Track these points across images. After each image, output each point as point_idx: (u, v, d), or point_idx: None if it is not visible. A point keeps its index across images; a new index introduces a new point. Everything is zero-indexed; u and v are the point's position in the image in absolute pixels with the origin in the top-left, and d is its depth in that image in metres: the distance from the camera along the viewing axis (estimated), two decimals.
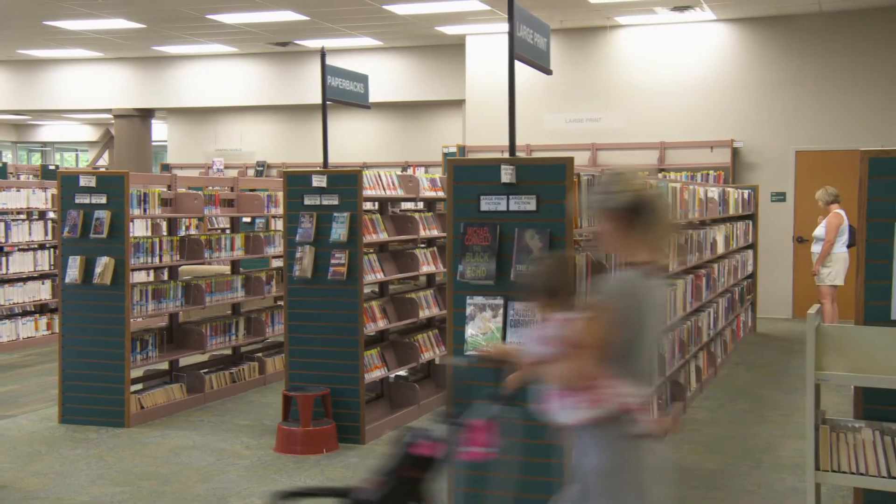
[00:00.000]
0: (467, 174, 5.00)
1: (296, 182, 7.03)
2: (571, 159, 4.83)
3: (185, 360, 8.59)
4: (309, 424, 6.61)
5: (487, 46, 15.27)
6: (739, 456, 6.57)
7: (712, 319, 8.97)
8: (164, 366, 8.35)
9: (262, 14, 14.39)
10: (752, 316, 12.39)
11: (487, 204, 4.90)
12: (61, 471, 6.18)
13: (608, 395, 2.96)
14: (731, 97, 14.04)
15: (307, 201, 6.94)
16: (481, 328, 4.78)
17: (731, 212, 10.50)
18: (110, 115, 21.03)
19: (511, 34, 5.23)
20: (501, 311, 4.76)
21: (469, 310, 4.82)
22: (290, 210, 7.02)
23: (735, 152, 13.91)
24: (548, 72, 5.97)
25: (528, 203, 4.82)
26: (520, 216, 4.81)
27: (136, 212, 7.68)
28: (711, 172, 13.80)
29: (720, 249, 9.49)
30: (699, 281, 8.16)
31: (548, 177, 4.82)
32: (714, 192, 9.40)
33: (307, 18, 14.61)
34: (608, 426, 3.02)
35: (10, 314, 11.04)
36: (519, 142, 12.97)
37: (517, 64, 5.29)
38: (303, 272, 6.88)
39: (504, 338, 4.72)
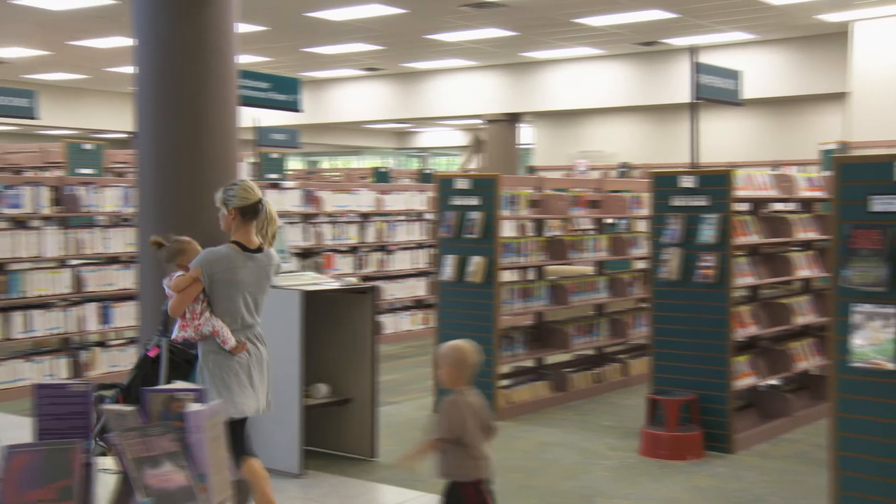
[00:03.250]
0: (856, 172, 4.60)
1: (663, 183, 6.91)
2: None
3: (550, 359, 8.77)
4: (674, 429, 6.47)
5: (879, 32, 14.03)
6: None
7: None
8: (530, 363, 8.59)
9: (629, 15, 14.36)
10: None
11: (879, 204, 4.46)
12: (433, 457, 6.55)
13: (197, 324, 4.56)
14: None
15: (674, 202, 6.79)
16: (870, 339, 4.37)
17: None
18: (481, 121, 22.14)
19: None
20: (895, 320, 4.32)
21: (856, 318, 4.43)
22: (656, 211, 6.91)
23: None
24: None
25: None
26: None
27: (506, 213, 7.95)
28: None
29: None
30: None
31: None
32: None
33: (676, 16, 14.36)
34: (209, 343, 4.60)
35: (392, 308, 11.95)
36: None
37: None
38: (669, 274, 6.75)
39: None
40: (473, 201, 7.67)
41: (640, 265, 9.73)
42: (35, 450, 2.10)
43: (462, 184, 7.77)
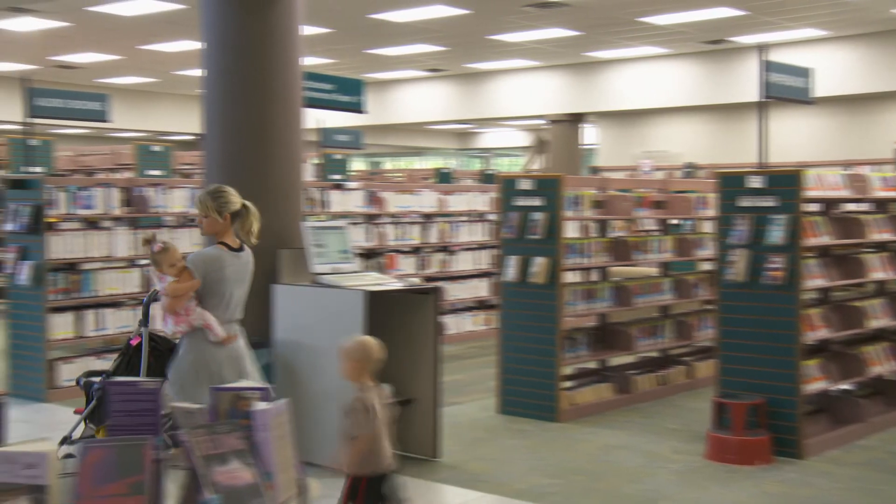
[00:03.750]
0: None
1: (730, 183, 6.80)
2: None
3: (614, 360, 8.69)
4: (742, 434, 6.35)
5: None
6: None
7: None
8: (593, 364, 8.53)
9: (696, 13, 14.18)
10: None
11: None
12: (500, 458, 6.55)
13: (191, 318, 5.01)
14: None
15: (742, 203, 6.68)
16: None
17: None
18: (544, 121, 22.05)
19: None
20: None
21: None
22: (723, 212, 6.81)
23: None
24: None
25: None
26: None
27: (569, 213, 7.89)
28: None
29: None
30: None
31: None
32: None
33: (744, 13, 14.13)
34: (196, 334, 5.04)
35: (454, 309, 11.95)
36: None
37: None
38: (736, 276, 6.63)
39: None
40: (537, 202, 7.63)
41: (706, 266, 9.58)
42: (108, 445, 2.14)
43: (525, 184, 7.74)
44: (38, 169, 11.05)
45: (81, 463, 2.11)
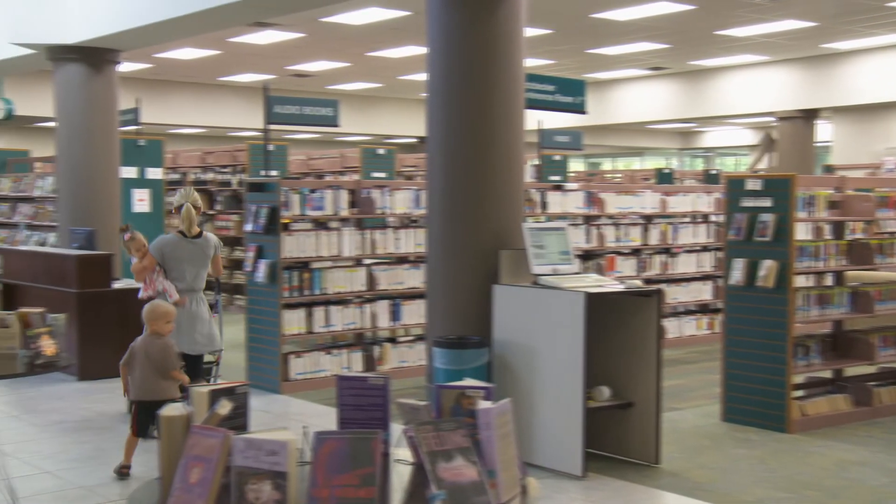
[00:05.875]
0: None
1: None
2: None
3: (851, 370, 8.16)
4: None
5: None
6: None
7: None
8: (828, 374, 8.04)
9: None
10: None
11: None
12: (725, 467, 6.30)
13: (153, 286, 6.76)
14: None
15: None
16: None
17: None
18: (773, 119, 21.07)
19: None
20: None
21: None
22: None
23: None
24: None
25: None
26: None
27: (801, 215, 7.49)
28: None
29: None
30: None
31: None
32: None
33: None
34: (160, 298, 6.56)
35: (675, 312, 11.63)
36: None
37: None
38: None
39: None
40: (766, 203, 7.28)
41: None
42: (341, 437, 2.22)
43: (753, 184, 7.41)
44: (274, 172, 11.72)
45: (317, 452, 2.20)
